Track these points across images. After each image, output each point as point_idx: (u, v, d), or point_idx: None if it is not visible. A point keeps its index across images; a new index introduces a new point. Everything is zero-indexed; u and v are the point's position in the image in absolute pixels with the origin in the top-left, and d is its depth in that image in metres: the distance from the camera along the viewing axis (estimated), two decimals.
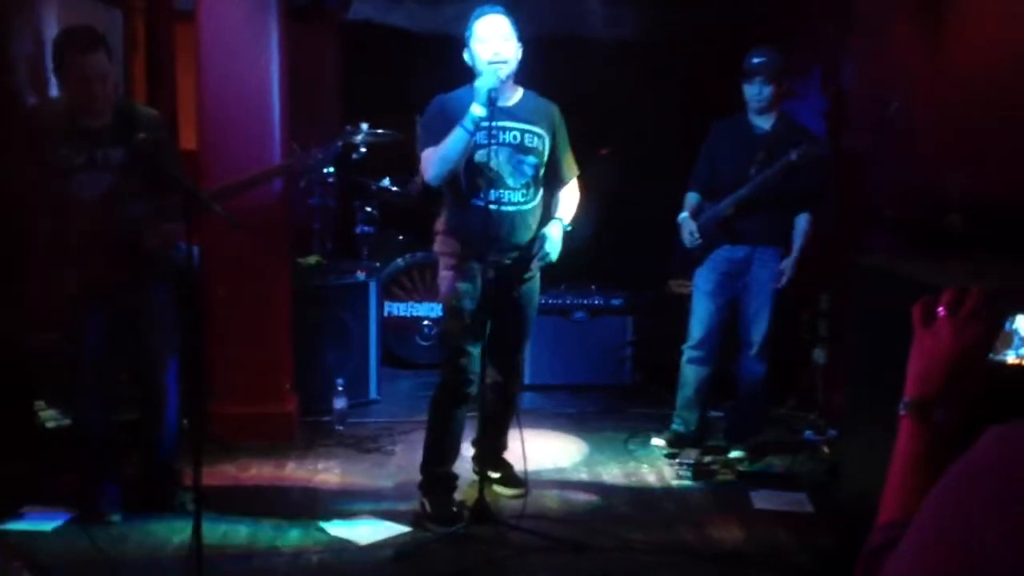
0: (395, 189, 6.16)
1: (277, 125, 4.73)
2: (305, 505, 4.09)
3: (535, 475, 4.34)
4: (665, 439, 4.82)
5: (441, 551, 3.71)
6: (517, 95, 3.87)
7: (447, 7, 6.79)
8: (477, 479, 3.98)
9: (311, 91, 6.21)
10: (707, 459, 4.63)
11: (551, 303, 5.69)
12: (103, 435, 3.90)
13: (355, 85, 7.11)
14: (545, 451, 4.79)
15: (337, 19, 7.11)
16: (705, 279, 4.63)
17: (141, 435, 3.97)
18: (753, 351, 4.61)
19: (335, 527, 3.86)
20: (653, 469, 4.64)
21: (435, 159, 3.72)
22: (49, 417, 4.56)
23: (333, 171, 5.84)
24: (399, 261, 6.14)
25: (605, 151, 7.07)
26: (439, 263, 3.98)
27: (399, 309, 6.15)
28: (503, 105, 3.71)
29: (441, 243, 3.95)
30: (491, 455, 4.24)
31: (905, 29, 4.79)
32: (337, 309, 5.34)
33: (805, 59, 5.47)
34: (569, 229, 3.98)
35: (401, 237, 6.43)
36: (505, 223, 3.80)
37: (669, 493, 4.37)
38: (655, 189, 5.30)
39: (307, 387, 5.10)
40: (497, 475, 4.29)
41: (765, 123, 4.53)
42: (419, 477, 4.06)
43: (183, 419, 4.07)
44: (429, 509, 3.95)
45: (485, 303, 3.84)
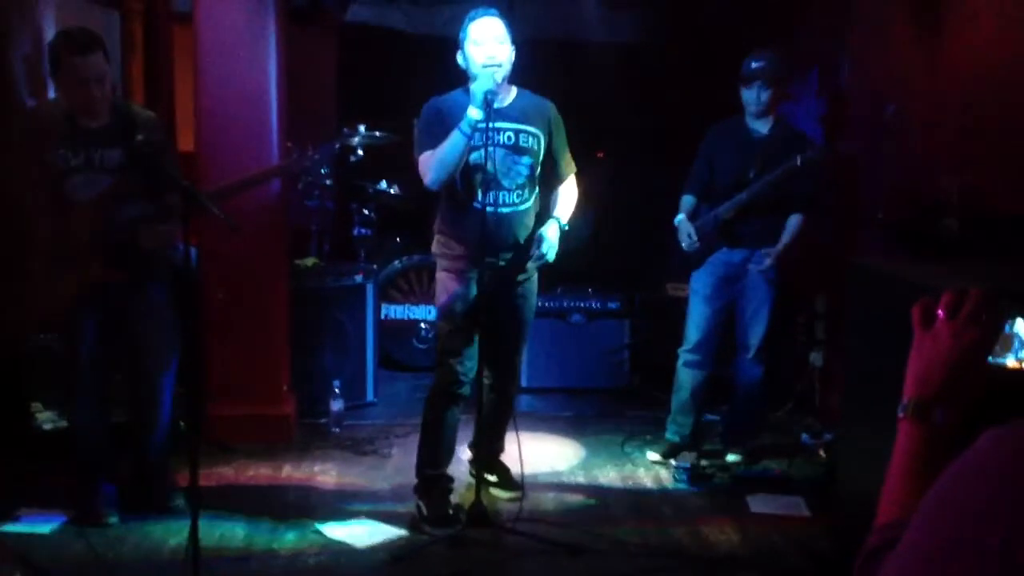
0: (393, 192, 6.16)
1: (274, 127, 4.73)
2: (302, 507, 4.09)
3: (532, 478, 4.35)
4: (660, 453, 4.75)
5: (437, 553, 3.71)
6: (511, 95, 3.87)
7: (442, 9, 6.80)
8: (474, 482, 3.98)
9: (308, 93, 6.21)
10: (703, 462, 4.61)
11: (548, 306, 5.70)
12: (100, 436, 3.90)
13: (352, 87, 7.11)
14: (542, 454, 4.79)
15: (335, 21, 7.11)
16: (702, 282, 4.61)
17: (132, 436, 3.96)
18: (750, 354, 4.60)
19: (332, 529, 3.86)
20: (649, 472, 4.63)
21: (433, 163, 3.72)
22: (46, 419, 4.55)
23: (330, 173, 5.83)
24: (396, 263, 6.14)
25: (602, 154, 7.07)
26: (437, 264, 3.99)
27: (396, 311, 6.14)
28: (497, 106, 3.70)
29: (438, 244, 3.95)
30: (488, 458, 4.23)
31: (903, 30, 4.80)
32: (334, 311, 5.33)
33: (802, 62, 5.47)
34: (566, 228, 3.97)
35: (398, 239, 6.43)
36: (502, 225, 3.80)
37: (665, 496, 4.37)
38: (652, 192, 5.30)
39: (304, 389, 5.10)
40: (494, 478, 4.29)
41: (763, 127, 4.50)
42: (415, 480, 4.06)
43: (180, 421, 4.06)
44: (425, 512, 3.95)
45: (480, 306, 3.84)
